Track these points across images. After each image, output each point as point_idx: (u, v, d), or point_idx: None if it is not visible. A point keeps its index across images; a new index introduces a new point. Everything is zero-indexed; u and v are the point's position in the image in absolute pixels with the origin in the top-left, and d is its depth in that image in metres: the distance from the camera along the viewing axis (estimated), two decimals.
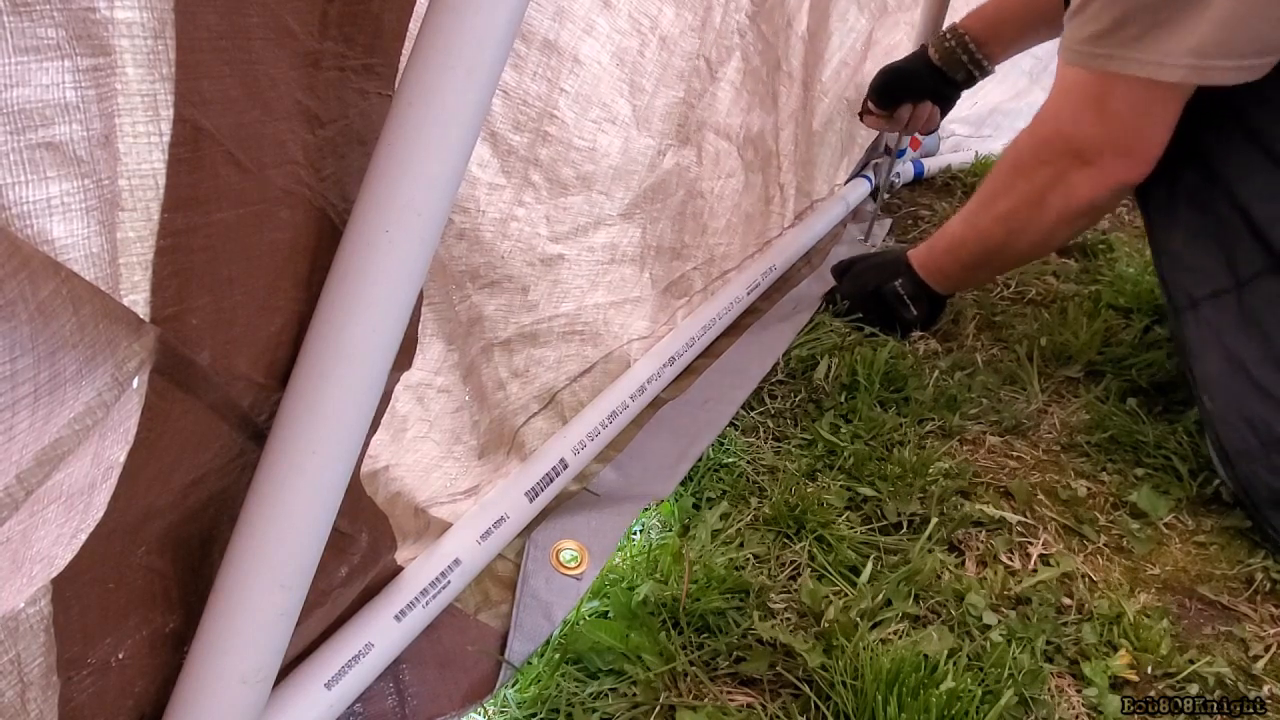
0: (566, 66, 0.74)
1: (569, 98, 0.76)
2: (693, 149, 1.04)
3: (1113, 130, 0.94)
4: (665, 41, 0.87)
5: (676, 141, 0.98)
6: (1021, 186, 1.04)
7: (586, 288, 0.89)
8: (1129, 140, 0.94)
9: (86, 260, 0.37)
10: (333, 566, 0.62)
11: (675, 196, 1.01)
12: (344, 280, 0.49)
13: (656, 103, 0.89)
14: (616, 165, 0.86)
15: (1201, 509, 0.95)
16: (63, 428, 0.38)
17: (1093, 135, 0.95)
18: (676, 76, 0.92)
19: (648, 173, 0.92)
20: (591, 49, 0.77)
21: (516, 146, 0.72)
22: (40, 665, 0.44)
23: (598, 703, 0.70)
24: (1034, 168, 1.02)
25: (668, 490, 0.91)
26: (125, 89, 0.37)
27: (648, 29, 0.83)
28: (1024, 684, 0.72)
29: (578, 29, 0.75)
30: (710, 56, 1.01)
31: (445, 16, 0.46)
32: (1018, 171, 1.05)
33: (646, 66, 0.85)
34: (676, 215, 1.04)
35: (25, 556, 0.41)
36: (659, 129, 0.92)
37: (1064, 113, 0.98)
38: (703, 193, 1.10)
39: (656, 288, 1.04)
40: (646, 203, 0.95)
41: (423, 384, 0.69)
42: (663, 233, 1.01)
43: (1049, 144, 1.00)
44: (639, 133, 0.88)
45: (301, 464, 0.50)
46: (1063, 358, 1.20)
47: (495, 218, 0.72)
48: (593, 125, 0.81)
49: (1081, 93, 0.95)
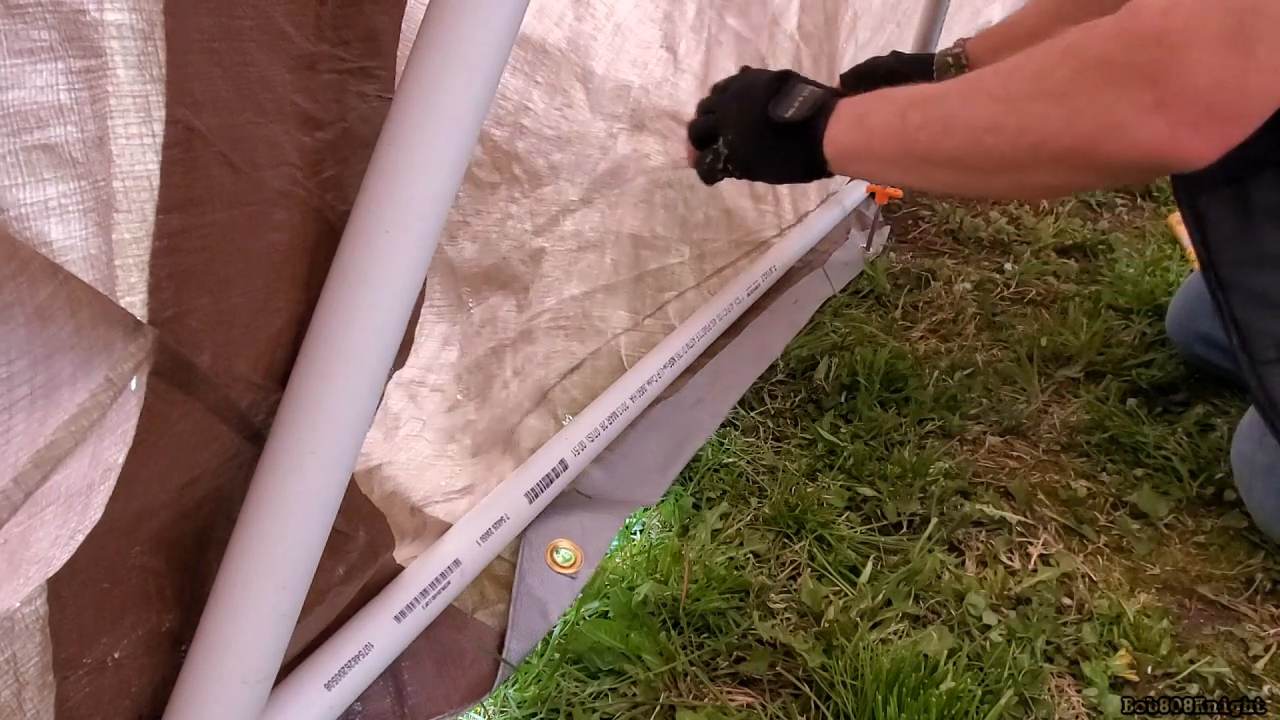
0: (538, 58, 0.74)
1: (541, 89, 0.76)
2: (653, 136, 1.02)
3: (1239, 70, 0.60)
4: (620, 28, 0.86)
5: (629, 126, 0.96)
6: (1054, 77, 0.68)
7: (563, 279, 0.89)
8: (1248, 101, 0.61)
9: (85, 262, 0.37)
10: (331, 565, 0.62)
11: (635, 184, 1.00)
12: (344, 281, 0.49)
13: (607, 86, 0.88)
14: (577, 151, 0.86)
15: (1201, 509, 0.95)
16: (59, 430, 0.38)
17: (1200, 64, 0.60)
18: (629, 62, 0.91)
19: (600, 155, 0.92)
20: (555, 37, 0.76)
21: (500, 141, 0.72)
22: (36, 665, 0.44)
23: (598, 702, 0.70)
24: (1090, 65, 0.66)
25: (655, 496, 0.91)
26: (117, 90, 0.37)
27: (602, 15, 0.82)
28: (1024, 684, 0.72)
29: (550, 21, 0.75)
30: (675, 48, 0.99)
31: (445, 17, 0.46)
32: (1067, 56, 0.68)
33: (598, 50, 0.84)
34: (640, 203, 1.03)
35: (23, 558, 0.41)
36: (609, 111, 0.91)
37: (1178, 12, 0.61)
38: (671, 183, 1.08)
39: (625, 274, 1.03)
40: (604, 187, 0.94)
41: (415, 381, 0.69)
42: (623, 218, 0.99)
43: (1134, 45, 0.64)
44: (592, 115, 0.87)
45: (301, 464, 0.50)
46: (1063, 358, 1.20)
47: (496, 217, 0.72)
48: (557, 113, 0.80)
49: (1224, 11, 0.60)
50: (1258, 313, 0.79)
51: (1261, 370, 0.79)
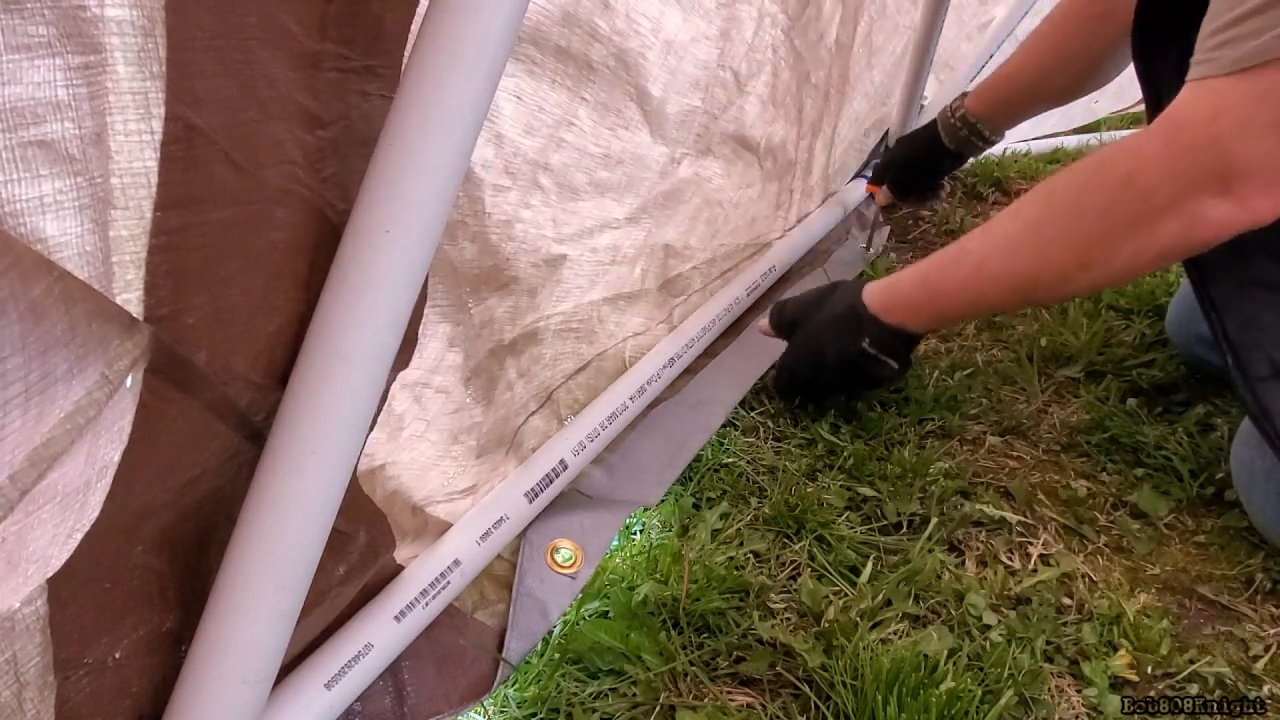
0: (583, 74, 0.74)
1: (588, 105, 0.76)
2: (718, 161, 1.03)
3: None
4: (671, 46, 0.86)
5: (694, 151, 0.97)
6: (1124, 208, 0.78)
7: (586, 286, 0.89)
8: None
9: (80, 259, 0.37)
10: (331, 565, 0.62)
11: (689, 204, 1.01)
12: (344, 280, 0.49)
13: (667, 109, 0.89)
14: (629, 172, 0.86)
15: (1201, 509, 0.94)
16: (55, 427, 0.38)
17: (1259, 153, 0.72)
18: (690, 84, 0.91)
19: (659, 179, 0.92)
20: (599, 53, 0.76)
21: (526, 149, 0.72)
22: (37, 665, 0.44)
23: (598, 703, 0.69)
24: (1159, 183, 0.76)
25: (655, 497, 0.91)
26: (116, 87, 0.37)
27: (648, 30, 0.83)
28: (1024, 684, 0.71)
29: (584, 33, 0.75)
30: (739, 70, 1.00)
31: (445, 16, 0.46)
32: (1128, 185, 0.79)
33: (650, 70, 0.85)
34: (688, 220, 1.03)
35: (21, 557, 0.41)
36: (673, 136, 0.91)
37: (1225, 119, 0.73)
38: (721, 203, 1.10)
39: (651, 284, 1.03)
40: (656, 209, 0.94)
41: (419, 383, 0.69)
42: (665, 234, 1.00)
43: (1193, 155, 0.75)
44: (653, 140, 0.88)
45: (301, 464, 0.50)
46: (1063, 358, 1.20)
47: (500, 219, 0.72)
48: (608, 132, 0.80)
49: (1259, 94, 0.71)
50: (1250, 333, 0.83)
51: (1256, 386, 0.82)
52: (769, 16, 1.03)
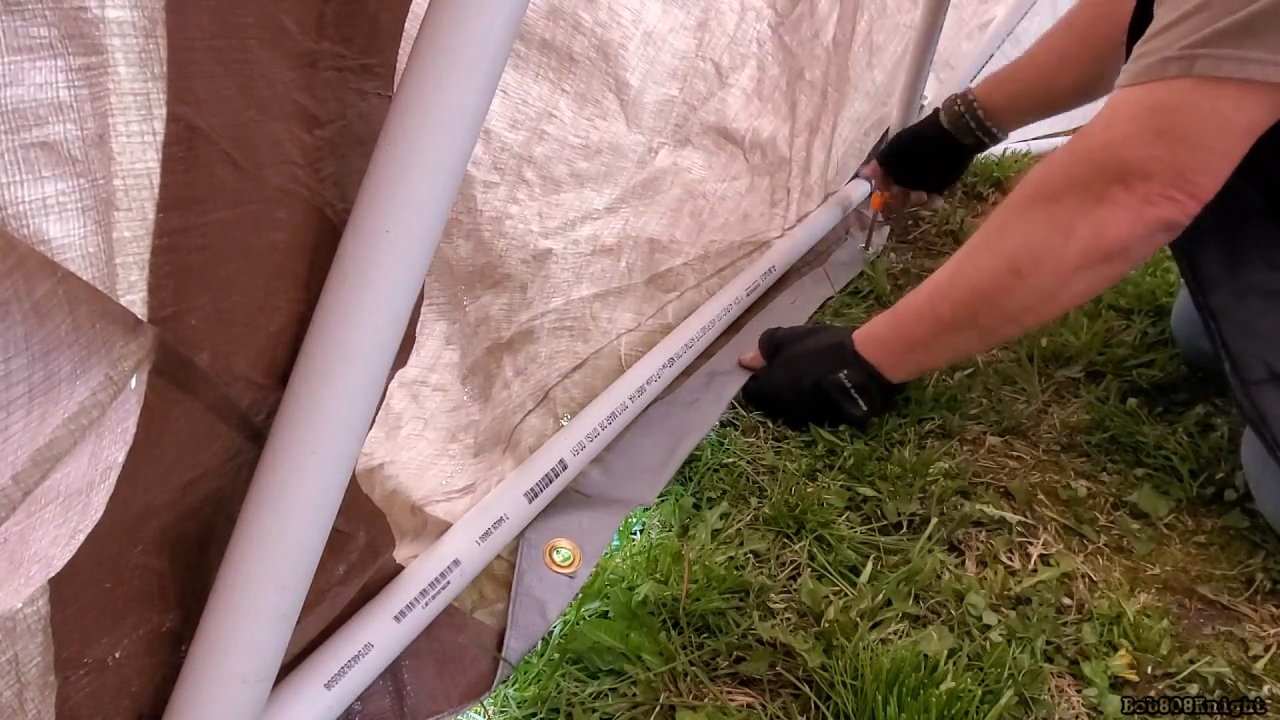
0: (565, 66, 0.74)
1: (569, 97, 0.76)
2: (698, 151, 1.03)
3: (1175, 152, 0.77)
4: (650, 36, 0.86)
5: (672, 141, 0.97)
6: (1039, 214, 0.86)
7: (573, 281, 0.89)
8: (1190, 167, 0.77)
9: (83, 260, 0.37)
10: (331, 565, 0.62)
11: (669, 194, 1.01)
12: (344, 280, 0.49)
13: (644, 99, 0.89)
14: (607, 161, 0.86)
15: (1201, 509, 0.95)
16: (58, 428, 0.38)
17: (1147, 156, 0.78)
18: (668, 74, 0.91)
19: (636, 169, 0.92)
20: (581, 45, 0.76)
21: (511, 144, 0.72)
22: (38, 665, 0.44)
23: (598, 702, 0.70)
24: (1063, 191, 0.84)
25: (652, 496, 0.91)
26: (118, 88, 0.37)
27: (629, 22, 0.82)
28: (1024, 684, 0.72)
29: (568, 25, 0.75)
30: (720, 62, 1.00)
31: (445, 16, 0.46)
32: (1039, 196, 0.87)
33: (629, 60, 0.84)
34: (670, 212, 1.03)
35: (23, 557, 0.41)
36: (650, 125, 0.91)
37: (1116, 127, 0.81)
38: (705, 194, 1.10)
39: (637, 278, 1.03)
40: (634, 198, 0.94)
41: (417, 381, 0.69)
42: (645, 225, 1.00)
43: (1089, 161, 0.83)
44: (628, 128, 0.88)
45: (301, 464, 0.50)
46: (1063, 358, 1.20)
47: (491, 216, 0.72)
48: (586, 123, 0.80)
49: (1144, 105, 0.79)
50: (1246, 340, 0.85)
51: (1252, 390, 0.84)
52: (753, 10, 1.02)
